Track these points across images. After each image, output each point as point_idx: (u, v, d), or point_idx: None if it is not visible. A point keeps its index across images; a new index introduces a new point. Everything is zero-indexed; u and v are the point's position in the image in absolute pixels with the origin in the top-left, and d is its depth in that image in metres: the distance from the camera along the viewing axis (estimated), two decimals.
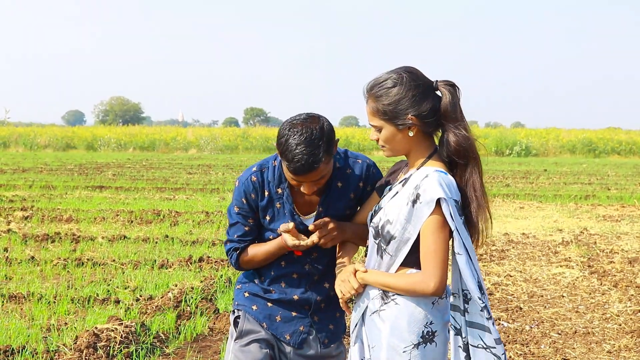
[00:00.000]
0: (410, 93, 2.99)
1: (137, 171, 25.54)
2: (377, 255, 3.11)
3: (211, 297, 7.64)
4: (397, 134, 3.03)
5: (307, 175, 3.12)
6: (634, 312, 7.59)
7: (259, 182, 3.35)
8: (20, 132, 46.24)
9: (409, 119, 3.00)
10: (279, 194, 3.35)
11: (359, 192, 3.38)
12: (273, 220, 3.37)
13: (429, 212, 2.92)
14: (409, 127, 3.02)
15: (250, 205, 3.37)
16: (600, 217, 14.76)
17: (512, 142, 43.03)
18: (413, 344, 2.99)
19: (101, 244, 10.67)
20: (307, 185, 3.19)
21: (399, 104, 2.99)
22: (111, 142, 44.59)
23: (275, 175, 3.34)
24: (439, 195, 2.91)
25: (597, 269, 9.59)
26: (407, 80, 3.01)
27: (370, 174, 3.39)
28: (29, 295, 7.55)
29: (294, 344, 3.40)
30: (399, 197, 3.04)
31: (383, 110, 3.02)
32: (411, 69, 3.07)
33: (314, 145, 3.08)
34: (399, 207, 3.00)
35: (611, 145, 42.97)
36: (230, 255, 3.44)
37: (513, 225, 13.53)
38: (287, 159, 3.10)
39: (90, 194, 17.55)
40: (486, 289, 3.11)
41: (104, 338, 5.88)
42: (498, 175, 25.34)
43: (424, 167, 3.04)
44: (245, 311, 3.44)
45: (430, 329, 3.01)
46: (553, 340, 6.67)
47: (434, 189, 2.92)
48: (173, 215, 13.71)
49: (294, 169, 3.10)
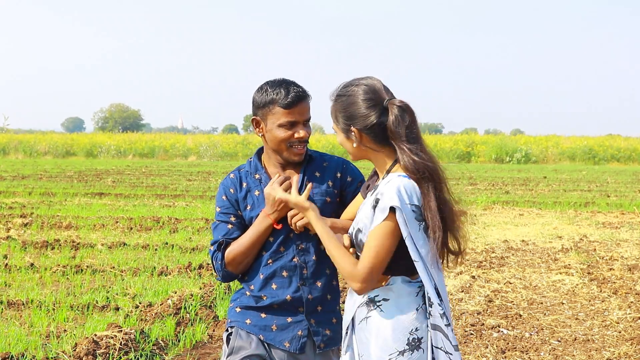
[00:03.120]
0: (357, 106, 3.06)
1: (136, 178, 25.55)
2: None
3: (210, 304, 7.63)
4: (346, 142, 3.14)
5: (302, 105, 3.33)
6: (634, 319, 7.58)
7: (237, 177, 3.47)
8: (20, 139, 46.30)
9: (352, 130, 3.08)
10: (257, 180, 3.43)
11: (337, 181, 3.49)
12: (253, 208, 3.40)
13: (383, 218, 2.95)
14: (354, 138, 3.10)
15: (231, 201, 3.43)
16: (600, 224, 14.76)
17: (511, 149, 43.09)
18: (398, 351, 2.99)
19: (100, 251, 10.66)
20: (302, 126, 3.35)
21: (344, 113, 3.09)
22: (111, 149, 44.64)
23: (252, 165, 3.49)
24: (392, 204, 2.92)
25: (597, 276, 9.59)
26: (360, 93, 3.07)
27: (346, 167, 3.54)
28: (29, 302, 7.55)
29: (295, 350, 3.37)
30: (366, 204, 3.10)
31: (335, 116, 3.14)
32: (371, 81, 3.10)
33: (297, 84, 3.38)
34: (365, 215, 3.05)
35: (611, 152, 43.02)
36: (214, 257, 3.40)
37: (513, 232, 13.53)
38: (281, 95, 3.31)
39: (89, 200, 17.55)
40: (447, 297, 3.14)
41: (103, 345, 5.87)
42: (498, 182, 25.35)
43: (390, 174, 3.08)
44: (238, 326, 3.41)
45: (416, 336, 3.02)
46: (553, 348, 6.66)
47: (390, 196, 2.95)
48: (172, 222, 13.71)
49: (292, 97, 3.30)
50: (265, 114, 3.35)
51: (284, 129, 3.33)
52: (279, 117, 3.32)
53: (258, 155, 3.53)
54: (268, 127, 3.36)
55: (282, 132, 3.33)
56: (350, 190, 3.49)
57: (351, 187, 3.50)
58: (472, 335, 6.95)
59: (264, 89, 3.37)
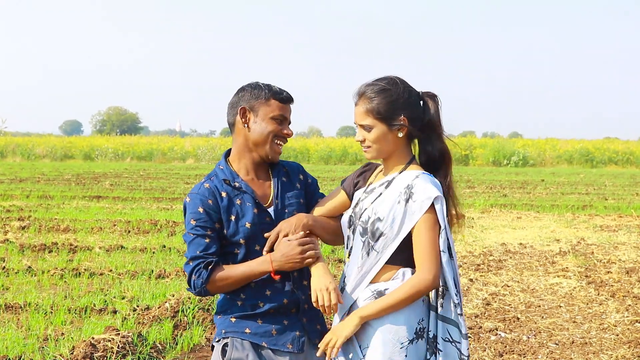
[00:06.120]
0: (404, 95, 3.16)
1: (134, 181, 25.53)
2: (362, 252, 3.18)
3: (208, 307, 7.63)
4: (388, 133, 3.17)
5: (291, 106, 3.45)
6: (632, 322, 7.59)
7: (214, 187, 3.37)
8: (18, 142, 46.22)
9: (401, 120, 3.15)
10: (237, 188, 3.37)
11: (302, 183, 3.57)
12: (239, 218, 3.33)
13: (424, 210, 3.05)
14: (399, 128, 3.16)
15: (209, 214, 3.31)
16: (598, 227, 14.77)
17: (509, 152, 43.08)
18: (409, 340, 3.10)
19: (98, 254, 10.66)
20: (288, 125, 3.44)
21: (394, 104, 3.15)
22: (108, 152, 44.61)
23: (227, 173, 3.42)
24: (437, 194, 3.06)
25: (595, 279, 9.59)
26: (401, 84, 3.18)
27: (303, 170, 3.64)
28: (26, 305, 7.55)
29: (297, 350, 3.37)
30: (387, 196, 3.15)
31: (377, 109, 3.15)
32: (400, 78, 3.23)
33: None
34: (389, 206, 3.12)
35: (608, 155, 43.03)
36: (197, 273, 3.27)
37: (510, 235, 13.54)
38: (277, 90, 3.41)
39: (87, 204, 17.54)
40: (462, 290, 3.26)
41: (100, 348, 5.87)
42: (495, 186, 25.36)
43: (409, 170, 3.18)
44: (235, 337, 3.36)
45: (422, 326, 3.14)
46: (550, 351, 6.67)
47: (429, 188, 3.08)
48: (170, 225, 13.70)
49: (286, 94, 3.41)
50: (258, 105, 3.38)
51: (276, 122, 3.38)
52: (273, 109, 3.38)
53: (226, 160, 3.48)
54: (258, 117, 3.38)
55: (273, 124, 3.37)
56: (311, 191, 3.58)
57: (311, 188, 3.59)
58: (469, 338, 6.95)
59: (254, 84, 3.43)
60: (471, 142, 46.45)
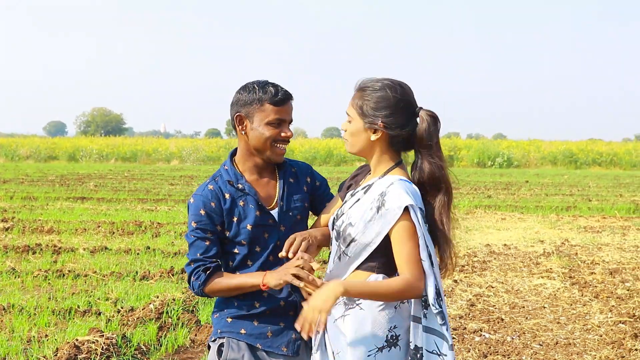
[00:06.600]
0: (391, 102, 3.10)
1: (118, 182, 25.46)
2: (335, 257, 3.17)
3: (193, 308, 7.62)
4: (362, 131, 3.15)
5: (289, 105, 3.34)
6: (615, 322, 7.63)
7: (217, 189, 3.35)
8: (2, 143, 46.04)
9: (377, 123, 3.10)
10: (240, 189, 3.35)
11: (308, 186, 3.52)
12: (241, 220, 3.33)
13: (396, 219, 2.99)
14: (374, 130, 3.12)
15: (210, 216, 3.30)
16: (582, 228, 14.84)
17: (494, 153, 43.27)
18: (377, 347, 3.03)
19: (82, 255, 10.62)
20: (287, 125, 3.35)
21: (378, 105, 3.11)
22: (93, 153, 44.47)
23: (231, 174, 3.39)
24: (407, 203, 2.99)
25: (578, 280, 9.64)
26: (394, 91, 3.12)
27: (312, 171, 3.58)
28: (10, 307, 7.50)
29: (292, 353, 3.36)
30: (362, 202, 3.11)
31: (361, 105, 3.14)
32: (405, 85, 3.18)
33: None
34: (362, 212, 3.08)
35: (592, 157, 43.29)
36: (196, 275, 3.30)
37: (494, 236, 13.59)
38: (272, 92, 3.29)
39: (71, 205, 17.47)
40: (444, 295, 3.18)
41: (84, 350, 5.85)
42: (480, 187, 25.43)
43: (388, 176, 3.13)
44: (231, 337, 3.36)
45: (394, 333, 3.06)
46: (534, 352, 6.69)
47: (401, 196, 3.01)
48: (155, 227, 13.67)
49: (282, 95, 3.30)
50: (253, 111, 3.31)
51: (272, 126, 3.30)
52: (268, 114, 3.29)
53: (232, 160, 3.46)
54: (254, 124, 3.31)
55: (270, 129, 3.30)
56: (319, 194, 3.53)
57: (319, 191, 3.54)
58: (454, 340, 6.97)
59: (250, 87, 3.33)
60: (455, 144, 46.62)
